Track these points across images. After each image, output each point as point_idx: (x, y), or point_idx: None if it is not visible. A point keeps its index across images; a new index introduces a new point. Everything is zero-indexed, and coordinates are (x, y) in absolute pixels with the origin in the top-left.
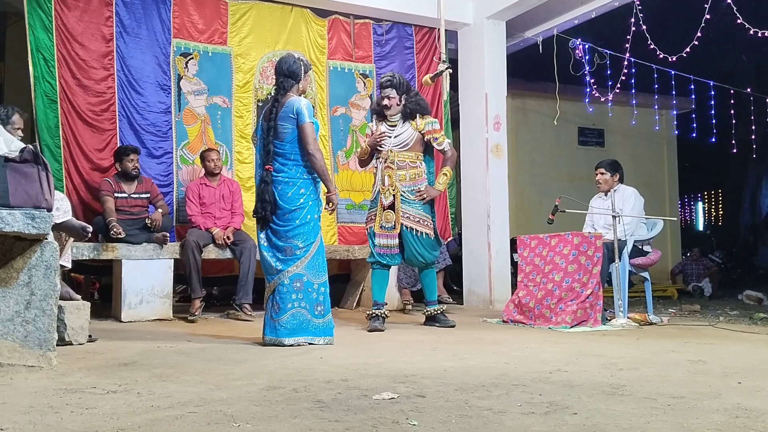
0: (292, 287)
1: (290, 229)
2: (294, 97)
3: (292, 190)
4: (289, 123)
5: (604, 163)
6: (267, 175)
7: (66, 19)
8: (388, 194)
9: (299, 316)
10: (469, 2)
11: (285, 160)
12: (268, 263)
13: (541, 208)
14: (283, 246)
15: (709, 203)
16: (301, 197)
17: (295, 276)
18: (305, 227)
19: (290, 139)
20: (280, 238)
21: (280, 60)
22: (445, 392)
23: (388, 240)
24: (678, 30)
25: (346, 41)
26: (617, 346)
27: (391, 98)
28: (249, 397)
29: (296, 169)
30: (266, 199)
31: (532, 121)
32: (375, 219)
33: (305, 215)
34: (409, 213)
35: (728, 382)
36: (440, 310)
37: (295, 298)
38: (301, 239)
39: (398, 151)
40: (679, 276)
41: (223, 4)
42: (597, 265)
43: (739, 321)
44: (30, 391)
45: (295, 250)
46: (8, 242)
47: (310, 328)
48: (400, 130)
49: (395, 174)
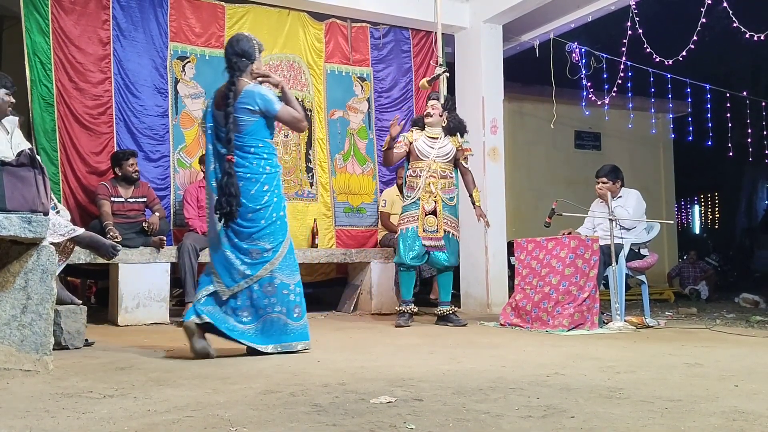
0: (263, 292)
1: (256, 231)
2: (250, 85)
3: (256, 187)
4: (248, 115)
5: (605, 172)
6: (230, 167)
7: (63, 23)
8: (430, 201)
9: (276, 321)
10: (466, 6)
11: (245, 153)
12: (232, 265)
13: (537, 211)
14: (249, 248)
15: (705, 206)
16: (266, 194)
17: (266, 280)
18: (272, 227)
19: (250, 131)
20: (243, 239)
21: (230, 40)
22: (442, 396)
23: (434, 242)
24: (674, 34)
25: (343, 45)
26: (614, 349)
27: (435, 108)
28: (246, 401)
29: (258, 163)
30: (231, 193)
31: (528, 124)
32: (414, 222)
33: (271, 214)
34: (448, 218)
35: (725, 385)
36: (452, 311)
37: (268, 303)
38: (268, 240)
39: (440, 162)
40: (676, 279)
41: (220, 7)
42: (594, 268)
43: (736, 324)
44: (26, 396)
45: (263, 253)
46: (4, 246)
47: (288, 332)
48: (442, 143)
49: (438, 182)
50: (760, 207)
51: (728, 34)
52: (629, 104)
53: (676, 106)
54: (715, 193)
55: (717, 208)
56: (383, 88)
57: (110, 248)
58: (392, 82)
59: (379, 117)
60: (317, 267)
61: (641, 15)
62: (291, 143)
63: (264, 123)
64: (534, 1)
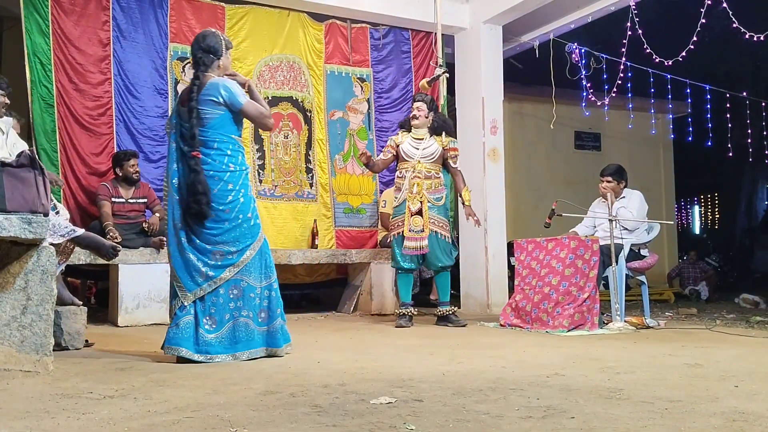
0: (228, 296)
1: (220, 233)
2: (215, 78)
3: (219, 185)
4: (211, 107)
5: (610, 171)
6: (196, 164)
7: (63, 24)
8: (416, 201)
9: (242, 327)
10: (466, 7)
11: (207, 149)
12: (193, 267)
13: (537, 211)
14: (211, 250)
15: (705, 207)
16: (230, 193)
17: (233, 282)
18: (237, 230)
19: (214, 125)
20: (206, 241)
21: (196, 37)
22: (442, 396)
23: (417, 242)
24: (674, 34)
25: (343, 45)
26: (614, 349)
27: (420, 110)
28: (246, 401)
29: (221, 160)
30: (199, 191)
31: (528, 125)
32: (402, 225)
33: (236, 215)
34: (434, 218)
35: (725, 386)
36: (452, 311)
37: (233, 308)
38: (232, 243)
39: (426, 163)
40: (676, 279)
41: (220, 8)
42: (594, 268)
43: (736, 324)
44: (26, 396)
45: (227, 255)
46: (4, 247)
47: (256, 338)
48: (427, 143)
49: (423, 183)
50: (760, 207)
51: (728, 35)
52: (629, 105)
53: (675, 106)
54: (715, 194)
55: (717, 208)
56: (383, 88)
57: (110, 249)
58: (392, 82)
59: (379, 118)
60: (317, 267)
61: (641, 15)
62: (291, 144)
63: (230, 117)
64: (534, 2)
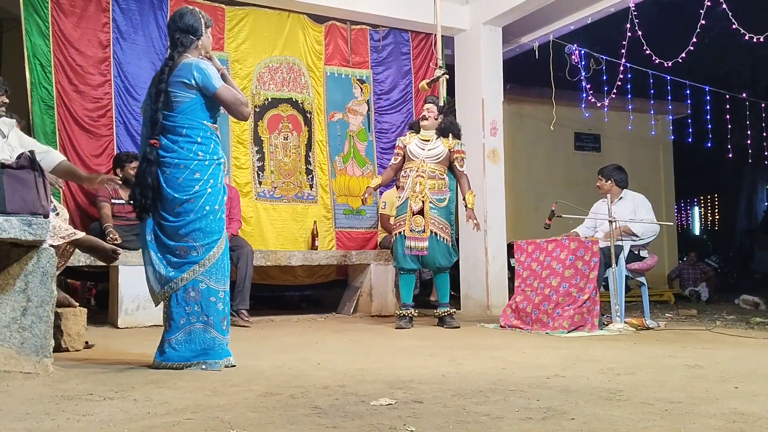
0: (184, 298)
1: (183, 225)
2: (189, 58)
3: (184, 174)
4: (183, 90)
5: (602, 169)
6: (151, 152)
7: (63, 25)
8: (417, 200)
9: (197, 333)
10: (466, 8)
11: (175, 135)
12: (155, 269)
13: (537, 213)
14: (176, 246)
15: (705, 208)
16: (196, 183)
17: (191, 284)
18: (202, 222)
19: (183, 109)
20: (171, 236)
21: (173, 15)
22: (442, 398)
23: (418, 243)
24: (673, 35)
25: (343, 47)
26: (614, 351)
27: (431, 111)
28: (246, 403)
29: (189, 148)
30: (147, 183)
31: (528, 126)
32: (404, 224)
33: (202, 206)
34: (435, 219)
35: (725, 387)
36: (447, 312)
37: (190, 312)
38: (198, 237)
39: (430, 163)
40: (676, 281)
41: (220, 10)
42: (594, 269)
43: (736, 325)
44: (26, 398)
45: (191, 251)
46: (4, 248)
47: (216, 348)
48: (434, 144)
49: (426, 182)
50: (759, 208)
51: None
52: (629, 106)
53: (675, 107)
54: (714, 195)
55: (717, 209)
56: (383, 90)
57: (110, 252)
58: (392, 84)
59: (379, 119)
60: (317, 269)
61: (640, 17)
62: (291, 145)
63: (201, 102)
64: (533, 3)
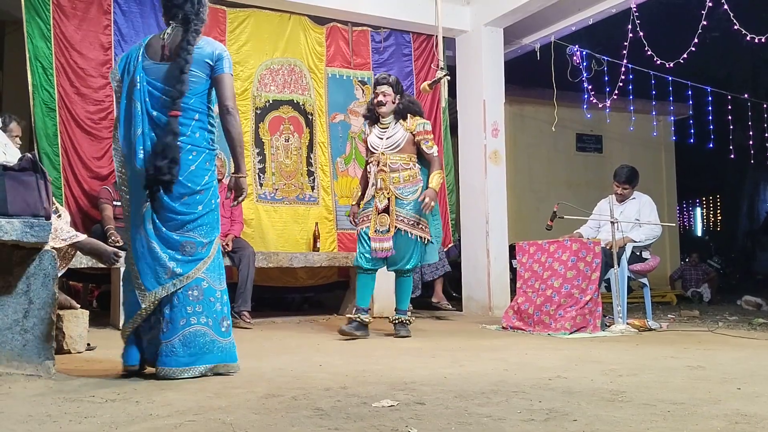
0: (187, 297)
1: (192, 219)
2: (208, 38)
3: (198, 161)
4: (201, 69)
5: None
6: (175, 125)
7: (64, 28)
8: (383, 198)
9: (199, 335)
10: (467, 9)
11: (188, 119)
12: (159, 261)
13: (539, 214)
14: (182, 241)
15: (707, 209)
16: (206, 173)
17: (194, 282)
18: (210, 216)
19: (199, 92)
20: (175, 229)
21: None
22: (444, 399)
23: (382, 243)
24: (675, 36)
25: (344, 48)
26: (616, 352)
27: (387, 95)
28: (248, 405)
29: (201, 135)
30: (174, 157)
31: (530, 127)
32: (369, 221)
33: (210, 199)
34: (402, 216)
35: (727, 388)
36: (399, 320)
37: (191, 312)
38: (205, 231)
39: (390, 153)
40: (678, 282)
41: (221, 11)
42: (596, 271)
43: (738, 326)
44: (28, 400)
45: (198, 248)
46: (6, 251)
47: (215, 351)
48: (392, 131)
49: (389, 177)
50: (761, 209)
51: (729, 37)
52: (630, 107)
53: (677, 108)
54: (716, 196)
55: (719, 210)
56: None
57: (112, 255)
58: None
59: None
60: (319, 270)
61: (642, 18)
62: (292, 147)
63: (209, 87)
64: (535, 4)
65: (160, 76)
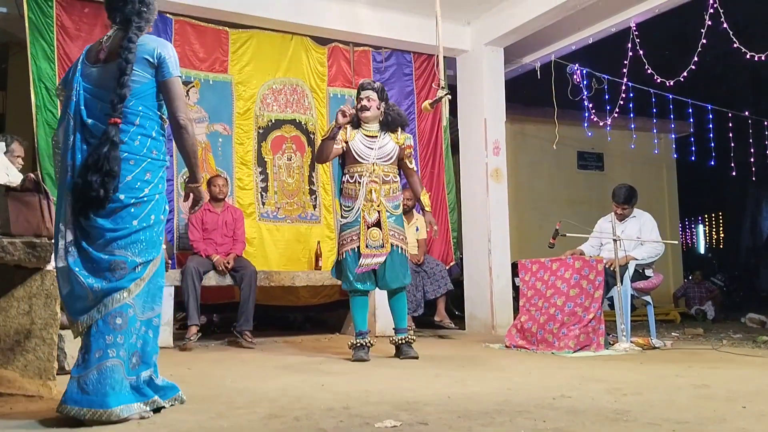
0: (108, 326)
1: (123, 235)
2: (151, 36)
3: (134, 172)
4: (143, 68)
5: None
6: (115, 133)
7: (68, 49)
8: (372, 211)
9: (112, 372)
10: (468, 29)
11: (126, 124)
12: (81, 285)
13: (541, 232)
14: (109, 261)
15: (709, 226)
16: (146, 186)
17: (119, 309)
18: (147, 233)
19: (139, 92)
20: (102, 246)
21: None
22: (447, 419)
23: (374, 258)
24: (675, 54)
25: (345, 68)
26: (621, 370)
27: (372, 100)
28: (251, 426)
29: (143, 141)
30: (110, 171)
31: (531, 145)
32: (357, 240)
33: (149, 214)
34: (395, 230)
35: (733, 407)
36: (405, 340)
37: (111, 343)
38: (138, 250)
39: (382, 165)
40: (682, 299)
41: (223, 32)
42: (599, 289)
43: (743, 344)
44: (30, 421)
45: (131, 268)
46: (9, 271)
47: (124, 391)
48: (382, 141)
49: (381, 189)
50: (764, 226)
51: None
52: (631, 125)
53: (678, 126)
54: (719, 213)
55: (721, 227)
56: None
57: None
58: None
59: None
60: (321, 289)
61: (642, 36)
62: (294, 166)
63: (155, 88)
64: (535, 24)
65: (98, 80)
